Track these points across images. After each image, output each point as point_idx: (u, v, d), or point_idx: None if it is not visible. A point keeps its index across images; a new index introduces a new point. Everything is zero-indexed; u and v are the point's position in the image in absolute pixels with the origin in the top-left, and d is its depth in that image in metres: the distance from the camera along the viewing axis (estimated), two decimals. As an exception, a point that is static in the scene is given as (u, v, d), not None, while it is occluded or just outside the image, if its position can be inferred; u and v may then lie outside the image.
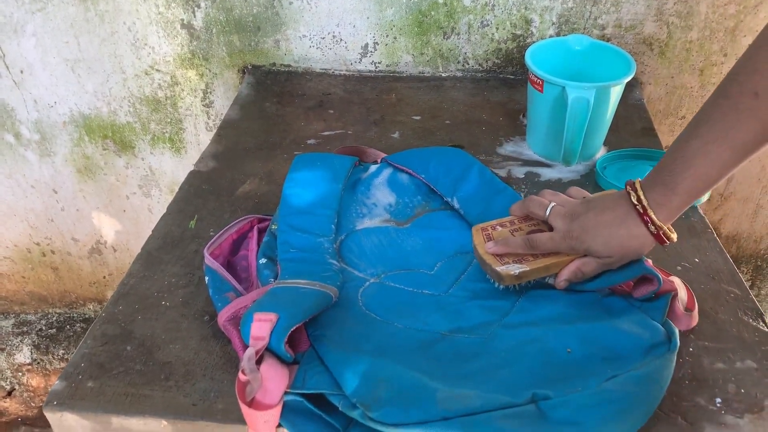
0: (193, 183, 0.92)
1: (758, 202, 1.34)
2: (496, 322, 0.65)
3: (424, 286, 0.71)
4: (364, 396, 0.52)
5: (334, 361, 0.57)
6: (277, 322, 0.56)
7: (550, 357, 0.59)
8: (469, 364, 0.59)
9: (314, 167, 0.80)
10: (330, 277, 0.66)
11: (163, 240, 0.80)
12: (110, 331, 0.67)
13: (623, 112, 1.06)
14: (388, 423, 0.50)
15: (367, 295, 0.69)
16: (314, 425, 0.55)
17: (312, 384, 0.55)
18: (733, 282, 0.73)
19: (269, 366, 0.55)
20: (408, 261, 0.75)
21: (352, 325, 0.64)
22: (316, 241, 0.72)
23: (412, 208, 0.82)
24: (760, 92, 0.54)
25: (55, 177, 1.42)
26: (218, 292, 0.67)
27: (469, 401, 0.52)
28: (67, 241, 1.54)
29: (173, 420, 0.58)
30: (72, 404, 0.59)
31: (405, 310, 0.67)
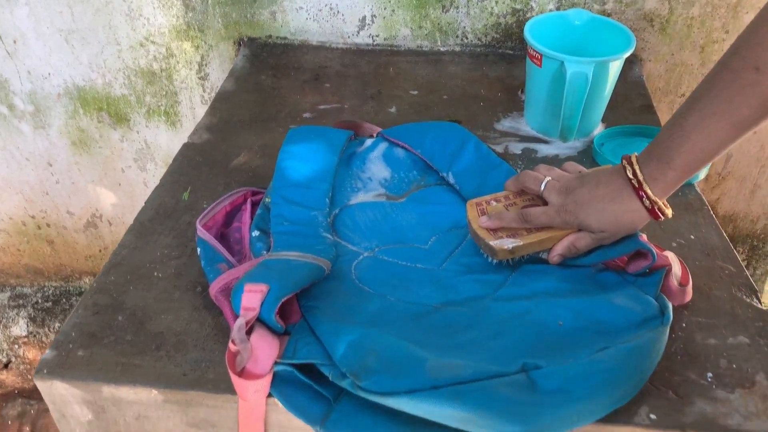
0: (186, 155, 0.91)
1: (756, 182, 1.33)
2: (489, 296, 0.65)
3: (417, 260, 0.71)
4: (354, 365, 0.52)
5: (325, 331, 0.56)
6: (268, 292, 0.56)
7: (542, 329, 0.59)
8: (461, 336, 0.59)
9: (309, 140, 0.79)
10: (323, 250, 0.66)
11: (156, 211, 0.80)
12: (102, 301, 0.67)
13: (622, 89, 1.04)
14: (378, 392, 0.50)
15: (361, 268, 0.69)
16: (305, 395, 0.55)
17: (303, 354, 0.55)
18: (728, 259, 0.72)
19: (259, 336, 0.55)
20: (402, 235, 0.74)
21: (344, 298, 0.64)
22: (309, 214, 0.71)
23: (408, 182, 0.82)
24: (761, 66, 0.53)
25: (50, 149, 1.41)
26: (210, 263, 0.67)
27: (459, 370, 0.52)
28: (62, 215, 1.53)
29: (164, 389, 0.58)
30: (62, 373, 0.59)
31: (398, 284, 0.67)
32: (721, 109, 0.56)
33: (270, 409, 0.57)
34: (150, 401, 0.59)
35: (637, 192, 0.60)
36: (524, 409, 0.50)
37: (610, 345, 0.56)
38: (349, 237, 0.73)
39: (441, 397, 0.49)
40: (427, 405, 0.49)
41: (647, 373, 0.56)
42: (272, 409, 0.57)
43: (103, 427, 0.62)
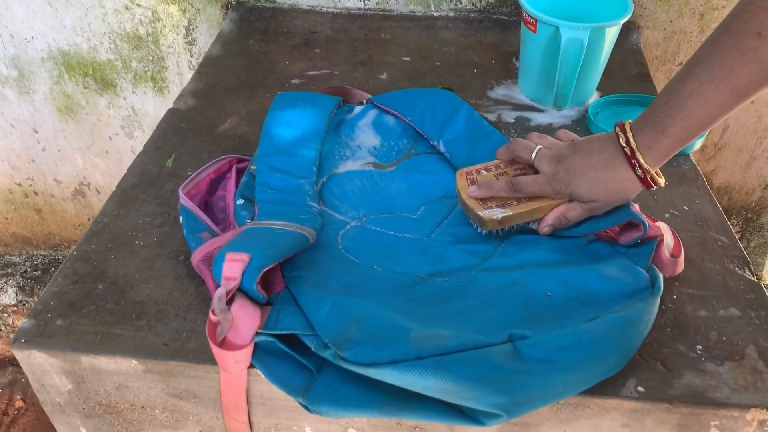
0: (171, 121, 0.89)
1: (752, 153, 1.32)
2: (477, 266, 0.63)
3: (406, 229, 0.69)
4: (336, 336, 0.51)
5: (308, 301, 0.55)
6: (250, 262, 0.54)
7: (530, 299, 0.58)
8: (447, 306, 0.58)
9: (296, 106, 0.77)
10: (308, 219, 0.64)
11: (139, 178, 0.78)
12: (82, 269, 0.65)
13: (618, 57, 1.02)
14: (360, 362, 0.49)
15: (347, 238, 0.67)
16: (286, 366, 0.53)
17: (285, 324, 0.53)
18: (722, 230, 0.71)
19: (240, 306, 0.53)
20: (391, 204, 0.73)
21: (329, 267, 0.62)
22: (296, 182, 0.69)
23: (398, 151, 0.80)
24: (763, 32, 0.51)
25: (35, 116, 1.38)
26: (192, 231, 0.66)
27: (443, 341, 0.50)
28: (49, 183, 1.51)
29: (144, 359, 0.57)
30: (40, 342, 0.58)
31: (385, 254, 0.65)
32: (720, 74, 0.54)
33: (252, 380, 0.56)
34: (130, 371, 0.58)
35: (629, 160, 0.59)
36: (509, 379, 0.49)
37: (599, 315, 0.55)
38: (337, 206, 0.72)
39: (425, 367, 0.48)
40: (410, 376, 0.48)
41: (636, 344, 0.55)
42: (255, 380, 0.56)
43: (84, 396, 0.61)
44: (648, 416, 0.54)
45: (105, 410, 0.62)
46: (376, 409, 0.51)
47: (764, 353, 0.57)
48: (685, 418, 0.54)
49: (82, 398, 0.61)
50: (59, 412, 0.63)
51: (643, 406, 0.54)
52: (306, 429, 0.60)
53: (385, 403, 0.51)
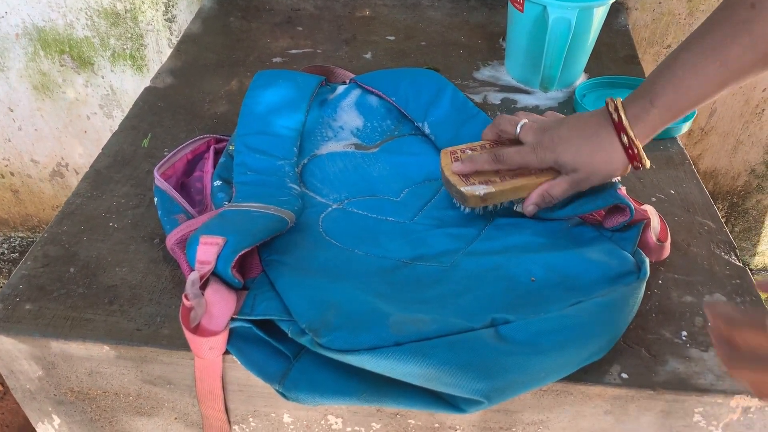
0: (148, 100, 0.86)
1: (738, 138, 1.31)
2: (460, 251, 0.62)
3: (388, 213, 0.68)
4: (314, 321, 0.49)
5: (286, 285, 0.54)
6: (224, 245, 0.52)
7: (513, 284, 0.56)
8: (429, 291, 0.56)
9: (277, 85, 0.75)
10: (287, 201, 0.62)
11: (114, 158, 0.76)
12: (52, 252, 0.63)
13: (606, 38, 1.01)
14: (338, 349, 0.47)
15: (329, 220, 0.66)
16: (263, 353, 0.52)
17: (261, 310, 0.52)
18: (708, 215, 0.70)
19: (214, 291, 0.52)
20: (373, 187, 0.71)
21: (309, 251, 0.60)
22: (275, 164, 0.67)
23: (381, 132, 0.78)
24: (757, 4, 0.51)
25: (10, 94, 1.35)
26: (167, 213, 0.63)
27: (423, 325, 0.49)
28: (26, 163, 1.48)
29: (115, 345, 0.55)
30: (8, 327, 0.56)
31: (367, 237, 0.64)
32: (711, 46, 0.53)
33: (228, 366, 0.54)
34: (102, 357, 0.56)
35: (617, 130, 0.57)
36: (490, 364, 0.48)
37: (583, 300, 0.53)
38: (318, 188, 0.70)
39: (404, 354, 0.47)
40: (389, 362, 0.47)
41: (621, 329, 0.54)
42: (231, 366, 0.54)
43: (55, 383, 0.59)
44: (631, 403, 0.54)
45: (77, 397, 0.60)
46: (355, 396, 0.50)
47: (749, 339, 0.57)
48: (669, 404, 0.53)
49: (53, 385, 0.59)
50: (30, 399, 0.61)
51: (626, 393, 0.53)
52: (284, 416, 0.59)
53: (364, 390, 0.49)
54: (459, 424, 0.57)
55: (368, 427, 0.58)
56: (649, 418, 0.55)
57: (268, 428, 0.60)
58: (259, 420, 0.59)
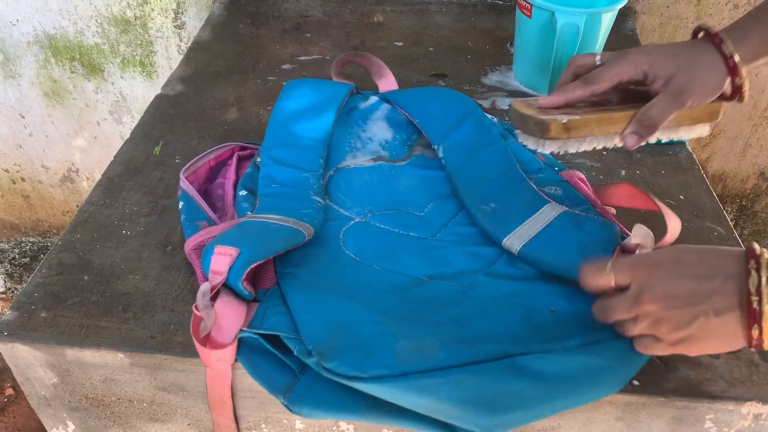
0: (159, 107, 0.87)
1: (747, 141, 1.31)
2: (480, 271, 0.61)
3: (411, 228, 0.67)
4: (321, 343, 0.49)
5: (297, 302, 0.54)
6: (237, 257, 0.53)
7: (531, 312, 0.55)
8: (444, 311, 0.56)
9: (305, 96, 0.74)
10: (309, 214, 0.62)
11: (126, 166, 0.76)
12: (66, 260, 0.64)
13: (614, 43, 1.01)
14: (343, 375, 0.47)
15: (350, 234, 0.65)
16: (270, 364, 0.52)
17: (270, 324, 0.52)
18: (717, 220, 0.70)
19: (225, 303, 0.52)
20: (398, 201, 0.70)
21: (325, 264, 0.60)
22: (301, 176, 0.67)
23: (410, 146, 0.77)
24: None
25: (22, 100, 1.36)
26: (191, 219, 0.64)
27: (431, 353, 0.48)
28: (37, 169, 1.49)
29: (130, 353, 0.55)
30: (24, 335, 0.56)
31: (386, 252, 0.63)
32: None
33: (240, 373, 0.55)
34: (116, 365, 0.57)
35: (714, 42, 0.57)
36: (497, 401, 0.47)
37: (602, 339, 0.52)
38: (342, 201, 0.69)
39: (409, 387, 0.46)
40: (393, 392, 0.47)
41: (634, 371, 0.52)
42: (242, 373, 0.55)
43: (69, 390, 0.60)
44: (642, 410, 0.54)
45: (92, 403, 0.61)
46: (358, 414, 0.50)
47: (760, 346, 0.57)
48: (680, 411, 0.53)
49: (68, 391, 0.60)
50: (45, 406, 0.62)
51: (637, 400, 0.53)
52: (296, 423, 0.59)
53: (367, 410, 0.49)
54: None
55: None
56: (660, 425, 0.55)
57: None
58: (272, 426, 0.60)
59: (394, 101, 0.79)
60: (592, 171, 0.77)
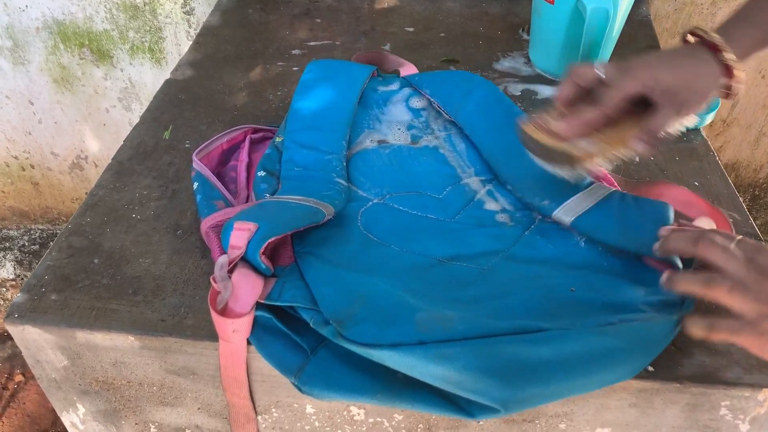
0: (168, 92, 0.86)
1: (761, 129, 1.29)
2: (500, 253, 0.60)
3: (429, 210, 0.66)
4: (339, 312, 0.49)
5: (315, 276, 0.53)
6: (256, 231, 0.52)
7: (550, 294, 0.54)
8: (463, 291, 0.55)
9: (328, 77, 0.75)
10: (330, 195, 0.62)
11: (136, 150, 0.76)
12: (77, 243, 0.64)
13: (628, 29, 0.99)
14: (361, 342, 0.47)
15: (368, 215, 0.65)
16: (282, 345, 0.52)
17: (288, 297, 0.52)
18: (733, 206, 0.69)
19: (242, 275, 0.52)
20: (416, 183, 0.69)
21: (344, 245, 0.60)
22: (323, 158, 0.67)
23: (429, 128, 0.77)
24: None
25: (31, 87, 1.36)
26: (207, 198, 0.64)
27: (449, 324, 0.48)
28: (46, 155, 1.49)
29: (140, 335, 0.55)
30: (34, 317, 0.56)
31: (405, 233, 0.63)
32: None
33: (252, 357, 0.55)
34: (127, 347, 0.56)
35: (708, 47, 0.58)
36: (514, 375, 0.46)
37: (621, 320, 0.51)
38: (360, 182, 0.69)
39: (427, 354, 0.46)
40: (411, 360, 0.46)
41: (652, 357, 0.51)
42: (254, 357, 0.54)
43: (80, 372, 0.60)
44: (657, 396, 0.53)
45: (102, 386, 0.61)
46: (368, 395, 0.49)
47: (777, 332, 0.56)
48: (695, 398, 0.53)
49: (78, 374, 0.60)
50: (55, 388, 0.62)
51: (652, 386, 0.52)
52: (307, 406, 0.59)
53: (378, 390, 0.49)
54: (482, 416, 0.57)
55: (390, 419, 0.58)
56: (674, 411, 0.54)
57: (290, 418, 0.60)
58: (282, 410, 0.60)
59: (414, 83, 0.80)
60: (605, 157, 0.76)
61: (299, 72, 0.90)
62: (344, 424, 0.60)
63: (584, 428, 0.57)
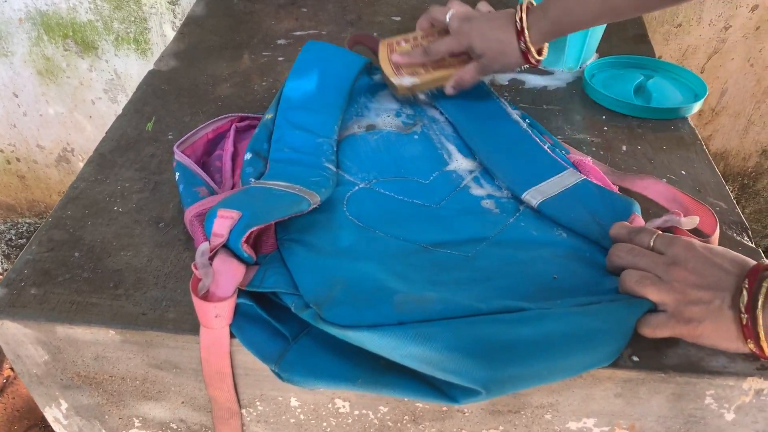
0: (151, 83, 0.85)
1: (750, 118, 1.29)
2: (485, 240, 0.60)
3: (415, 195, 0.66)
4: (319, 296, 0.49)
5: (297, 262, 0.53)
6: (239, 220, 0.52)
7: (534, 279, 0.54)
8: (446, 275, 0.55)
9: (326, 59, 0.75)
10: (317, 182, 0.62)
11: (118, 142, 0.75)
12: (57, 236, 0.63)
13: (616, 17, 0.99)
14: (339, 324, 0.46)
15: (354, 200, 0.64)
16: (263, 333, 0.51)
17: (270, 283, 0.51)
18: (720, 195, 0.69)
19: (222, 261, 0.51)
20: (403, 168, 0.69)
21: (328, 231, 0.60)
22: (315, 141, 0.67)
23: (416, 115, 0.77)
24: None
25: (15, 79, 1.34)
26: (189, 186, 0.63)
27: (428, 305, 0.48)
28: (32, 148, 1.48)
29: (121, 330, 0.54)
30: (13, 312, 0.55)
31: (390, 219, 0.62)
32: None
33: (235, 349, 0.54)
34: (108, 342, 0.56)
35: (517, 32, 0.70)
36: (494, 354, 0.46)
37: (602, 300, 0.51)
38: (348, 167, 0.69)
39: (406, 333, 0.46)
40: (390, 341, 0.46)
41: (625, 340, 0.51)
42: (237, 350, 0.54)
43: (61, 367, 0.59)
44: (642, 386, 0.53)
45: (84, 381, 0.60)
46: (350, 381, 0.49)
47: (762, 321, 0.56)
48: (680, 387, 0.53)
49: (59, 369, 0.59)
50: (37, 384, 0.61)
51: (637, 376, 0.52)
52: (291, 399, 0.58)
53: (359, 376, 0.49)
54: (468, 407, 0.57)
55: (375, 411, 0.58)
56: (659, 401, 0.54)
57: (275, 412, 0.60)
58: (266, 404, 0.59)
59: None
60: (592, 146, 0.76)
61: (285, 62, 0.90)
62: (329, 417, 0.59)
63: (570, 418, 0.57)
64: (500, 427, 0.58)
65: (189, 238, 0.62)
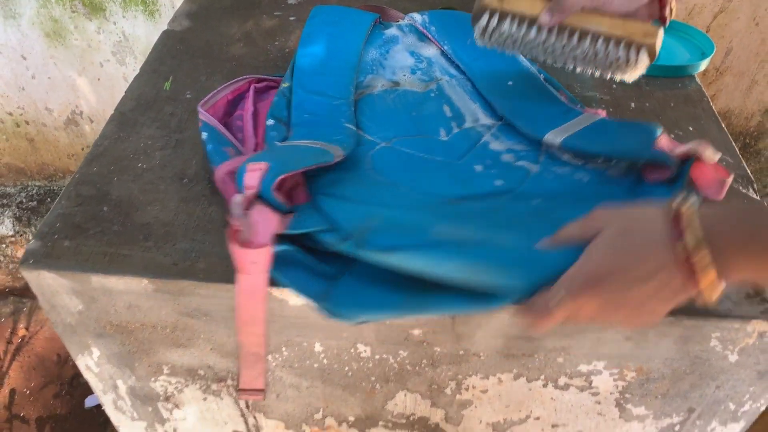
0: (167, 43, 0.86)
1: (754, 77, 1.30)
2: (508, 193, 0.62)
3: (436, 152, 0.67)
4: (358, 226, 0.52)
5: (331, 204, 0.56)
6: (268, 170, 0.54)
7: (556, 225, 0.55)
8: (473, 222, 0.57)
9: (333, 22, 0.76)
10: (340, 140, 0.63)
11: (137, 101, 0.76)
12: (85, 191, 0.65)
13: None
14: (380, 246, 0.50)
15: (377, 158, 0.66)
16: (305, 274, 0.54)
17: (308, 224, 0.54)
18: (726, 150, 0.71)
19: (258, 211, 0.53)
20: (422, 126, 0.71)
21: (356, 185, 0.62)
22: (332, 104, 0.68)
23: (432, 72, 0.78)
24: None
25: (23, 41, 1.34)
26: (218, 146, 0.65)
27: (461, 233, 0.52)
28: (41, 111, 1.48)
29: (154, 279, 0.57)
30: (48, 263, 0.58)
31: (414, 175, 0.64)
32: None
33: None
34: (140, 291, 0.58)
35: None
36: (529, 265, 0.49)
37: None
38: (367, 126, 0.70)
39: (443, 249, 0.49)
40: (429, 258, 0.49)
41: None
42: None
43: (94, 317, 0.61)
44: (651, 329, 0.56)
45: (116, 330, 0.63)
46: (395, 308, 0.51)
47: (765, 268, 0.58)
48: (687, 330, 0.55)
49: (92, 318, 0.62)
50: (70, 333, 0.64)
51: (646, 320, 0.55)
52: (316, 345, 0.61)
53: (403, 303, 0.51)
54: (483, 350, 0.60)
55: (396, 355, 0.61)
56: (667, 344, 0.57)
57: (299, 357, 0.63)
58: (291, 349, 0.62)
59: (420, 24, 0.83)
60: (601, 104, 0.77)
61: (296, 22, 0.90)
62: (351, 361, 0.62)
63: (581, 361, 0.60)
64: (514, 369, 0.61)
65: (213, 193, 0.64)
